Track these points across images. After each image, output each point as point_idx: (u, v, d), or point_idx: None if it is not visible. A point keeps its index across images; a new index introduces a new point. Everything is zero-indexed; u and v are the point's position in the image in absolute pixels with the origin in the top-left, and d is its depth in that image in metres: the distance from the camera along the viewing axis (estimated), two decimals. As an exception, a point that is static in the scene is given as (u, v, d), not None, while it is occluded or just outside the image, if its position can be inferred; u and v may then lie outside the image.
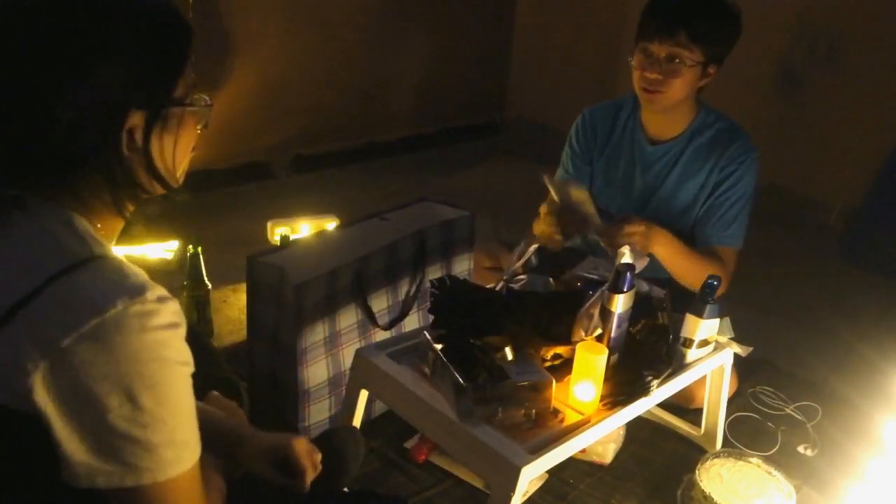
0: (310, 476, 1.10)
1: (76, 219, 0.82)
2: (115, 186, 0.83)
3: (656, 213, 1.86)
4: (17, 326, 0.74)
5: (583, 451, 1.66)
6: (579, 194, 1.65)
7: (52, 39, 0.77)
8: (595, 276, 1.48)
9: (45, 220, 0.80)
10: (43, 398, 0.73)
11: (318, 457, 1.13)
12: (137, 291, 0.76)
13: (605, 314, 1.32)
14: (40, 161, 0.81)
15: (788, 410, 1.96)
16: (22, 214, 0.81)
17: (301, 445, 1.10)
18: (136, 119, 0.82)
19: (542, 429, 1.23)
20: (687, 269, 1.80)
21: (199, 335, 1.78)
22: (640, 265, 1.40)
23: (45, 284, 0.74)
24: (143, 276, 0.79)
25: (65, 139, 0.79)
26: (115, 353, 0.73)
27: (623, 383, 1.33)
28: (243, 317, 2.13)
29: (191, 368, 0.81)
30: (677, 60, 1.71)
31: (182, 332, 0.79)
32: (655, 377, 1.34)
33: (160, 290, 0.78)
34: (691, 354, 1.48)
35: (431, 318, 1.37)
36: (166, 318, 0.77)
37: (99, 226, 0.84)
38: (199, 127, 0.92)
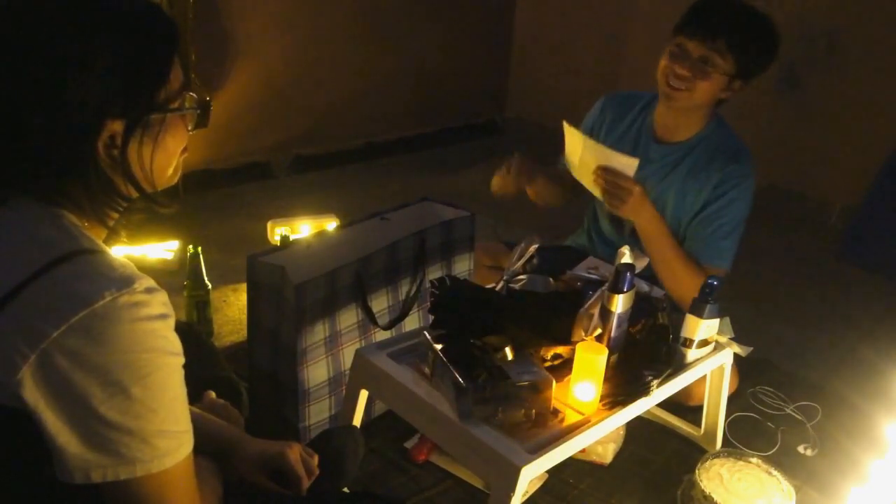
0: (305, 484, 1.09)
1: (65, 215, 0.82)
2: (92, 194, 0.83)
3: None
4: (4, 320, 0.74)
5: (583, 451, 1.66)
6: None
7: (25, 52, 0.77)
8: (595, 276, 1.48)
9: (32, 217, 0.80)
10: (33, 393, 0.73)
11: (315, 461, 1.13)
12: (126, 283, 0.76)
13: (605, 314, 1.31)
14: (20, 167, 0.81)
15: (788, 410, 1.96)
16: (9, 211, 0.81)
17: (294, 453, 1.10)
18: (115, 126, 0.81)
19: (542, 429, 1.23)
20: (664, 255, 1.78)
21: (199, 335, 1.78)
22: (640, 265, 1.40)
23: (32, 278, 0.74)
24: (131, 267, 0.79)
25: (39, 149, 0.79)
26: (104, 344, 0.73)
27: (623, 383, 1.33)
28: (243, 317, 2.13)
29: (181, 359, 0.81)
30: (709, 64, 1.71)
31: (171, 322, 0.80)
32: (655, 377, 1.34)
33: (148, 282, 0.78)
34: (691, 354, 1.48)
35: (431, 318, 1.37)
36: (156, 308, 0.77)
37: (87, 225, 0.84)
38: (188, 127, 0.92)
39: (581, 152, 1.78)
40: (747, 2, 1.78)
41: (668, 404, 1.83)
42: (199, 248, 2.05)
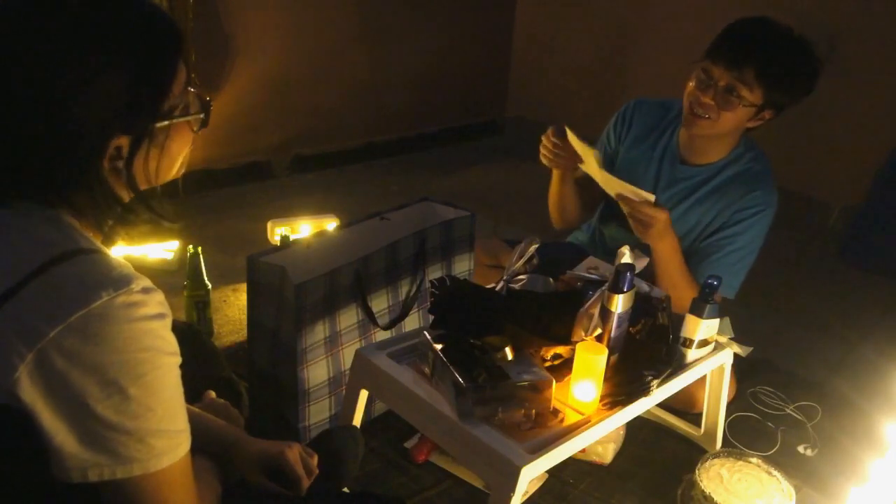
0: (305, 484, 1.09)
1: (64, 216, 0.82)
2: (95, 203, 0.83)
3: None
4: (1, 320, 0.74)
5: (583, 451, 1.66)
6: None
7: (28, 74, 0.76)
8: (595, 276, 1.48)
9: (31, 217, 0.81)
10: (30, 392, 0.73)
11: (314, 461, 1.13)
12: (123, 283, 0.76)
13: (605, 314, 1.31)
14: (25, 181, 0.81)
15: (788, 410, 1.96)
16: (8, 211, 0.81)
17: (294, 454, 1.10)
18: (121, 141, 0.82)
19: (542, 429, 1.23)
20: (673, 279, 1.77)
21: (199, 335, 1.78)
22: (640, 265, 1.40)
23: (30, 277, 0.75)
24: (128, 268, 0.79)
25: (44, 166, 0.79)
26: (102, 343, 0.74)
27: (623, 383, 1.32)
28: (243, 317, 2.13)
29: (178, 359, 0.81)
30: (734, 94, 1.64)
31: (168, 322, 0.80)
32: (655, 377, 1.34)
33: (145, 282, 0.78)
34: (691, 354, 1.48)
35: (431, 318, 1.37)
36: (153, 308, 0.77)
37: (84, 226, 0.84)
38: (194, 129, 0.92)
39: (599, 177, 1.76)
40: (786, 28, 1.66)
41: (671, 409, 1.83)
42: (199, 248, 2.05)
